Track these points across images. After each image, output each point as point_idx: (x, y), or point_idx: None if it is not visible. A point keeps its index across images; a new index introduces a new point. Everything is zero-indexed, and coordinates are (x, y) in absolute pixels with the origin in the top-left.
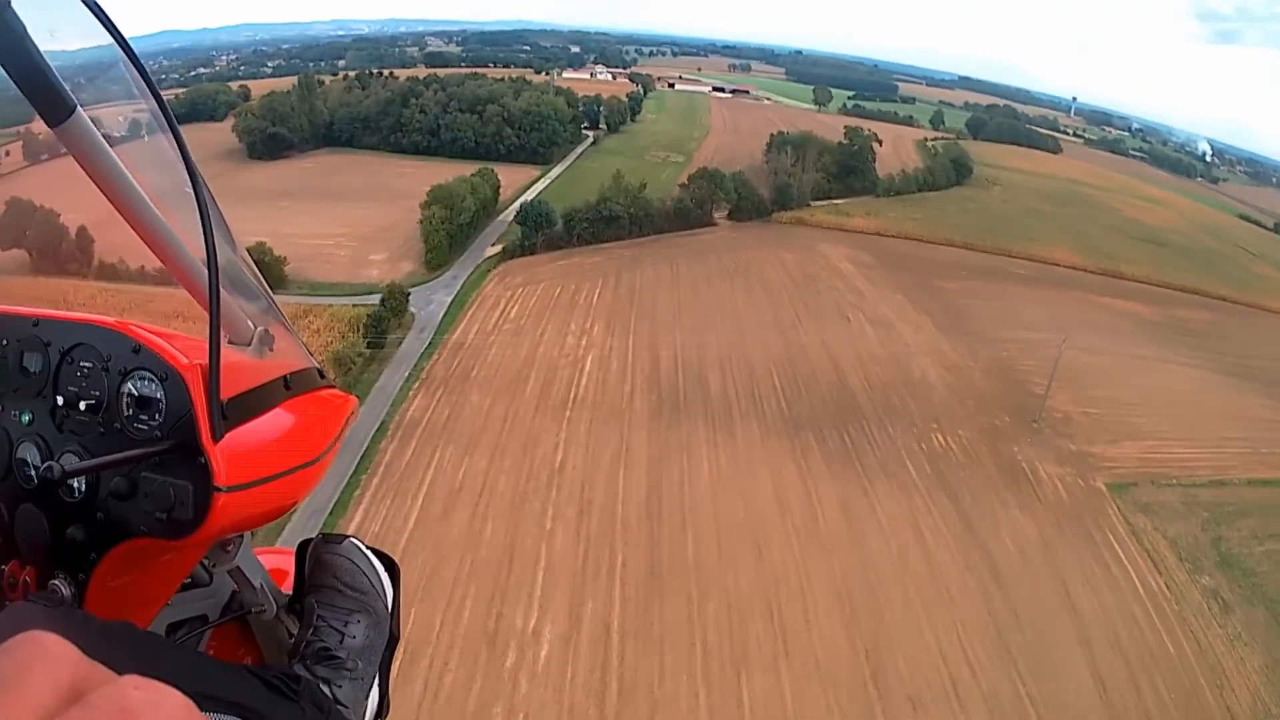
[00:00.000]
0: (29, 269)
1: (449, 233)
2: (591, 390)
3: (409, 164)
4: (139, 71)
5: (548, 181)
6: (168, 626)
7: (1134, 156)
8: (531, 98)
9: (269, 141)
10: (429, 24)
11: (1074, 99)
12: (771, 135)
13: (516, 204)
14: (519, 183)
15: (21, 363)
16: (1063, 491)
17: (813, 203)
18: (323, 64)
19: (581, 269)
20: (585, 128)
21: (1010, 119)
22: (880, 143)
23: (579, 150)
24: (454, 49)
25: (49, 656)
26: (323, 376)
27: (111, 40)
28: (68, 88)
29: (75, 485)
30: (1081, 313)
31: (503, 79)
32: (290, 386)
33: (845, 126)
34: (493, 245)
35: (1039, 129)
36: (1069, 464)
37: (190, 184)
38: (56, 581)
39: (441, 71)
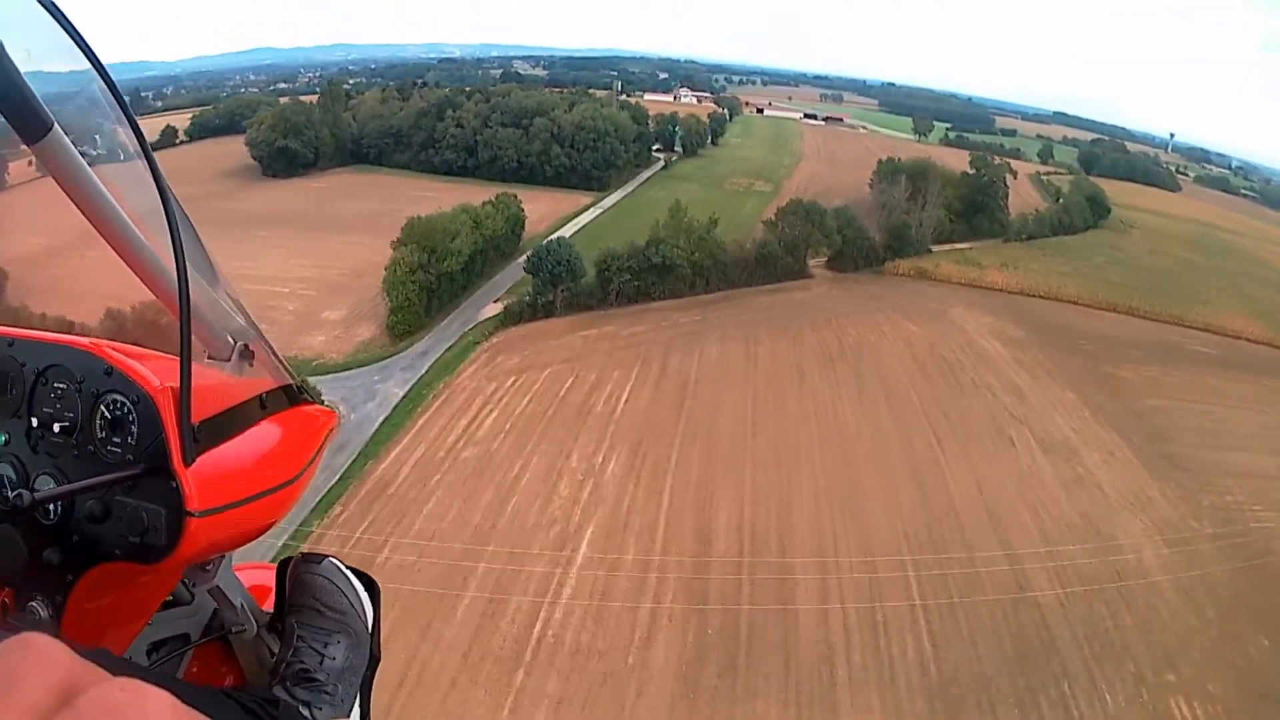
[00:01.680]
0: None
1: (427, 285)
2: (577, 619)
3: (439, 186)
4: (114, 94)
5: (598, 211)
6: (150, 645)
7: (1246, 196)
8: (588, 110)
9: (281, 157)
10: (520, 49)
11: (1171, 135)
12: (879, 162)
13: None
14: (562, 212)
15: None
16: None
17: (933, 247)
18: (424, 89)
19: (613, 344)
20: (656, 150)
21: (1120, 153)
22: (1015, 174)
23: (645, 175)
24: (539, 72)
25: (42, 658)
26: (301, 392)
27: (87, 64)
28: (45, 106)
29: (51, 508)
30: None
31: (560, 91)
32: (266, 405)
33: (971, 155)
34: (496, 301)
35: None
36: None
37: (162, 204)
38: (34, 603)
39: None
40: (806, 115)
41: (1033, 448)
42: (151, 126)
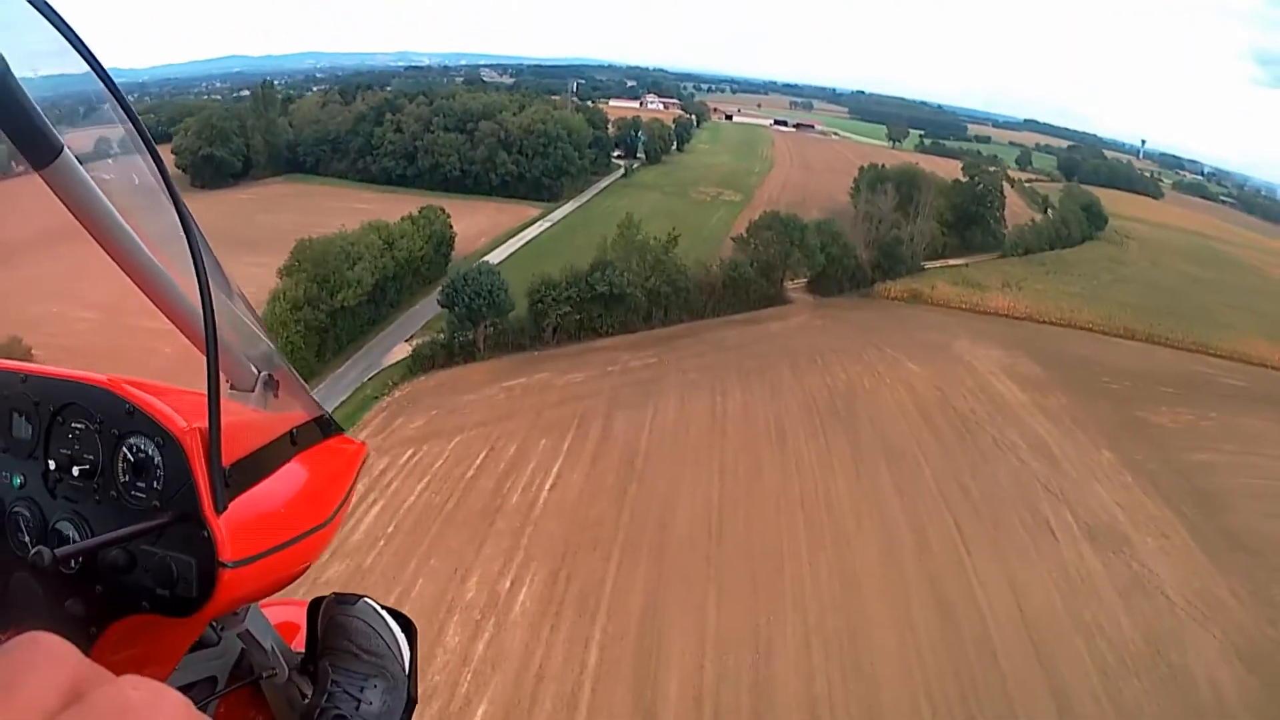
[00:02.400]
0: None
1: (318, 325)
2: None
3: (375, 197)
4: (121, 106)
5: (547, 225)
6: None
7: (1224, 202)
8: (538, 113)
9: (207, 166)
10: (489, 57)
11: (1143, 142)
12: (861, 169)
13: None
14: (506, 226)
15: (10, 423)
16: None
17: (925, 263)
18: (367, 91)
19: (544, 399)
20: (617, 156)
21: (1099, 160)
22: (1012, 182)
23: (604, 183)
24: (506, 80)
25: (49, 657)
26: (330, 424)
27: (90, 72)
28: (53, 129)
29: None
30: None
31: (511, 94)
32: (297, 441)
33: (963, 161)
34: (409, 340)
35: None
36: None
37: (182, 227)
38: None
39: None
40: (777, 122)
41: (1075, 535)
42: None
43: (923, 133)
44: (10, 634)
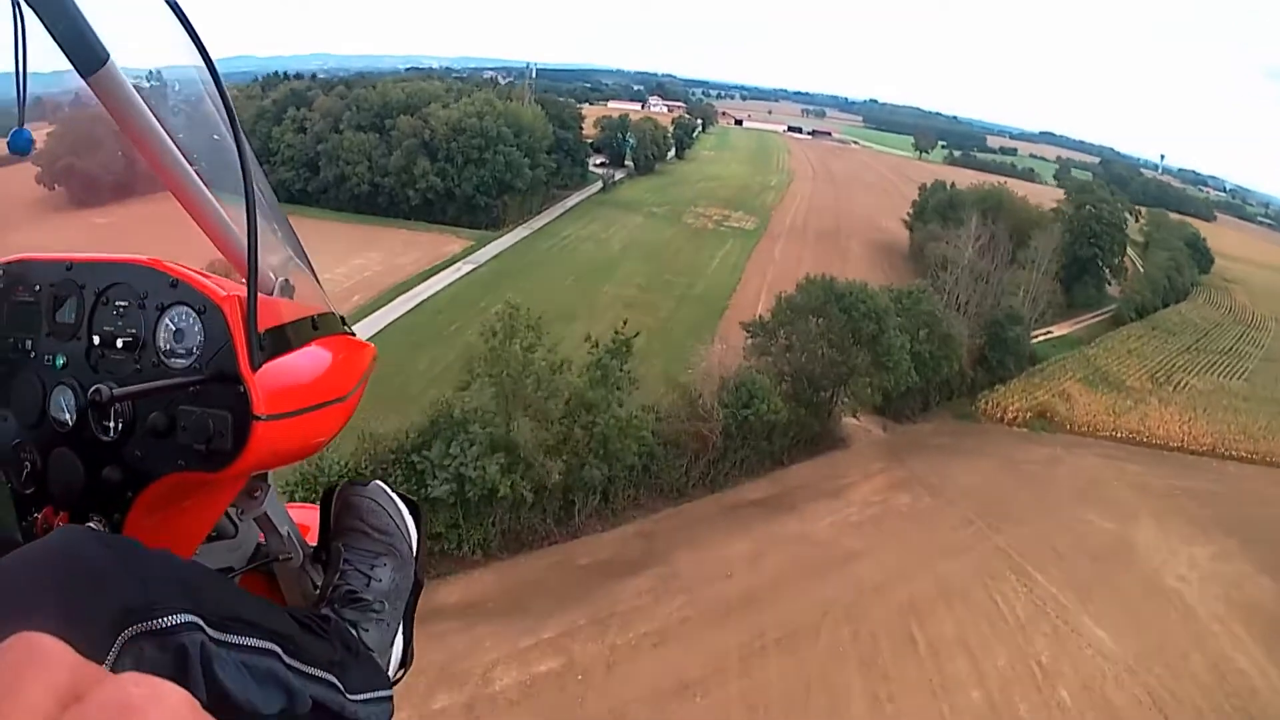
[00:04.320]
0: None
1: None
2: None
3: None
4: (183, 23)
5: (469, 267)
6: None
7: (1261, 224)
8: (471, 105)
9: (70, 180)
10: (498, 62)
11: (1162, 157)
12: (923, 188)
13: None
14: (408, 270)
15: (55, 307)
16: None
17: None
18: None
19: None
20: (598, 165)
21: (1135, 175)
22: (1137, 216)
23: (572, 201)
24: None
25: (44, 658)
26: (344, 321)
27: None
28: (100, 39)
29: (110, 425)
30: None
31: (444, 81)
32: (318, 327)
33: (1060, 180)
34: None
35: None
36: None
37: (230, 126)
38: (91, 524)
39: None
40: (790, 128)
41: None
42: None
43: (944, 143)
44: (46, 512)
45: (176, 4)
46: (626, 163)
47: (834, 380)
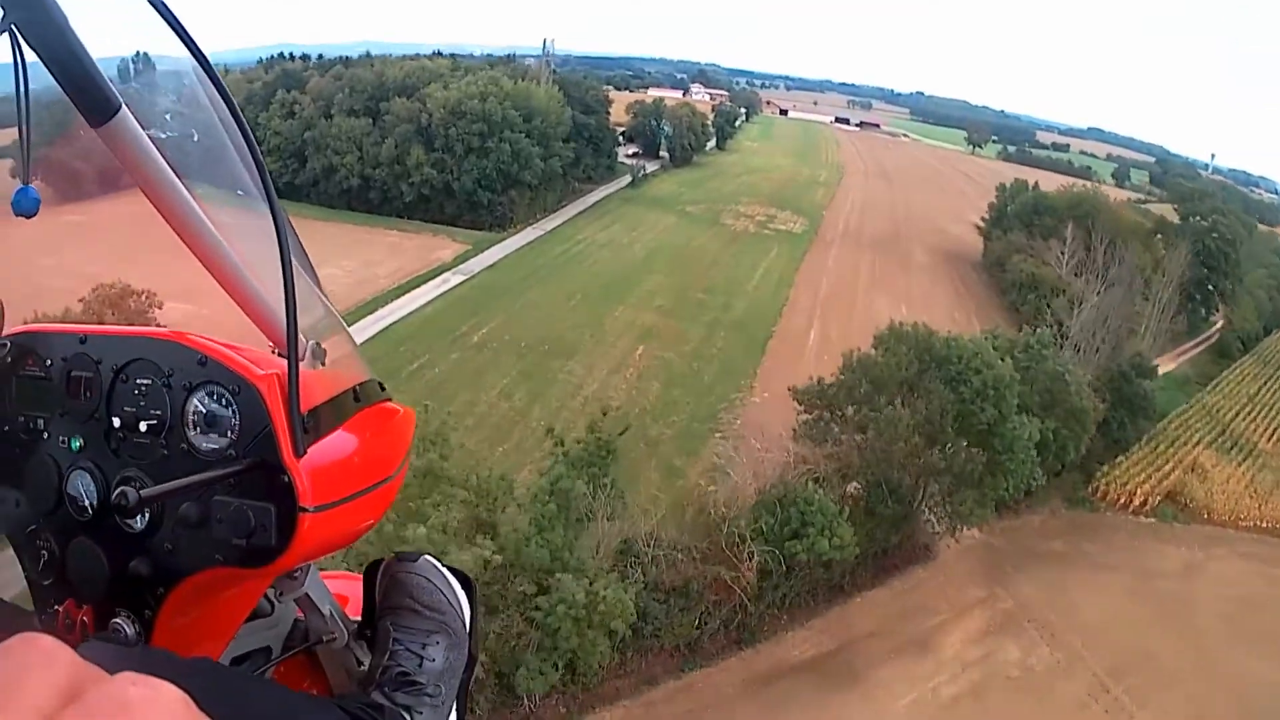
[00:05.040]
0: None
1: None
2: None
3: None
4: (204, 68)
5: (458, 279)
6: (230, 661)
7: None
8: (472, 85)
9: (47, 172)
10: (537, 50)
11: (1213, 156)
12: (1002, 188)
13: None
14: (382, 285)
15: (69, 384)
16: None
17: None
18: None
19: None
20: (629, 155)
21: (1194, 177)
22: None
23: (596, 197)
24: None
25: (44, 657)
26: (383, 387)
27: (176, 37)
28: (112, 87)
29: (137, 516)
30: None
31: (451, 59)
32: (359, 399)
33: (1163, 190)
34: None
35: None
36: None
37: (259, 176)
38: (119, 620)
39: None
40: (838, 119)
41: None
42: None
43: (995, 138)
44: (68, 606)
45: (169, 11)
46: (661, 153)
47: (929, 493)
